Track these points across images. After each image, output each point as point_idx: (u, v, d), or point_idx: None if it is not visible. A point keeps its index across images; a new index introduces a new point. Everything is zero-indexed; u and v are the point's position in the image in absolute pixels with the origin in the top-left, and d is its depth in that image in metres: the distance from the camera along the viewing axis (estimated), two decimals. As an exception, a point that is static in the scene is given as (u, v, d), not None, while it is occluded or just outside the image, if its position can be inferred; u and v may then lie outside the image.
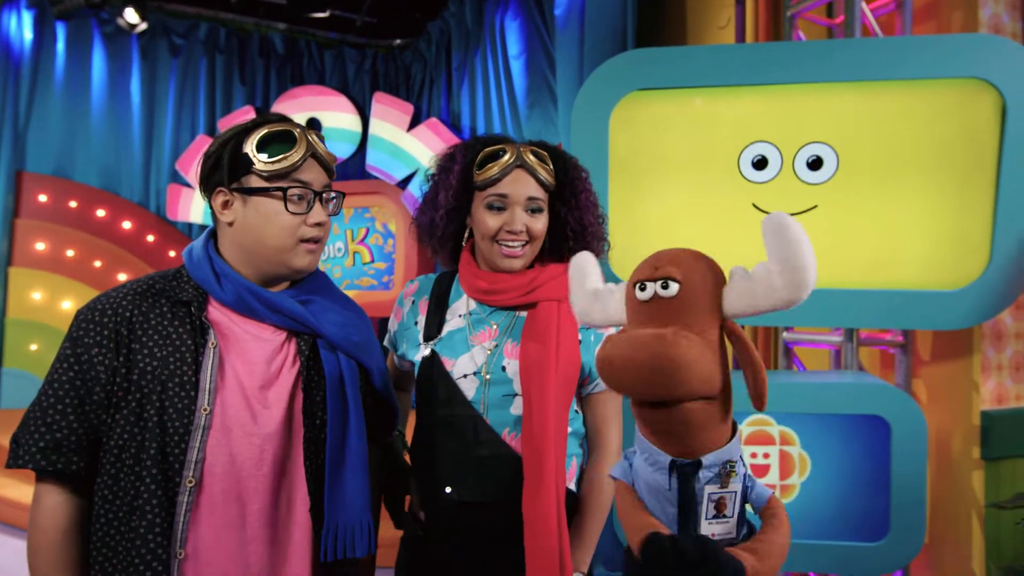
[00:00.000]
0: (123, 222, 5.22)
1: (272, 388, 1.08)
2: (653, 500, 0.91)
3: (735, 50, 1.80)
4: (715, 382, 0.82)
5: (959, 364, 1.92)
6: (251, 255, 1.09)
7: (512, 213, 1.23)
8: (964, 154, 1.66)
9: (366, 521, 1.11)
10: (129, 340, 1.04)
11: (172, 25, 5.33)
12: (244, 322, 1.10)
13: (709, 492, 0.88)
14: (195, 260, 1.10)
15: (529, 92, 3.86)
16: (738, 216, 1.74)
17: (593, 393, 1.31)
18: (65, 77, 5.10)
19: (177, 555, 1.01)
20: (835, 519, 1.71)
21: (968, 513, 1.87)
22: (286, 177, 1.07)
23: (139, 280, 1.10)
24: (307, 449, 1.09)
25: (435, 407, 1.25)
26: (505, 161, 1.22)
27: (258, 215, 1.07)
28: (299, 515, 1.08)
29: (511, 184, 1.23)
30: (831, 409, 1.68)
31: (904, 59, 1.66)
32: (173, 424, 1.01)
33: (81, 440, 1.02)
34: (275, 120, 1.10)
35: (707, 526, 0.89)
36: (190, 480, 1.01)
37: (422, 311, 1.34)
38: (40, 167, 5.07)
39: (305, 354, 1.11)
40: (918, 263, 1.71)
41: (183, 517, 1.01)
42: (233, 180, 1.07)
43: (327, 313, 1.14)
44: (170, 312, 1.07)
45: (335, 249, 4.93)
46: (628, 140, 1.78)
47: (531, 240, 1.25)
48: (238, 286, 1.08)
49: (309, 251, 1.11)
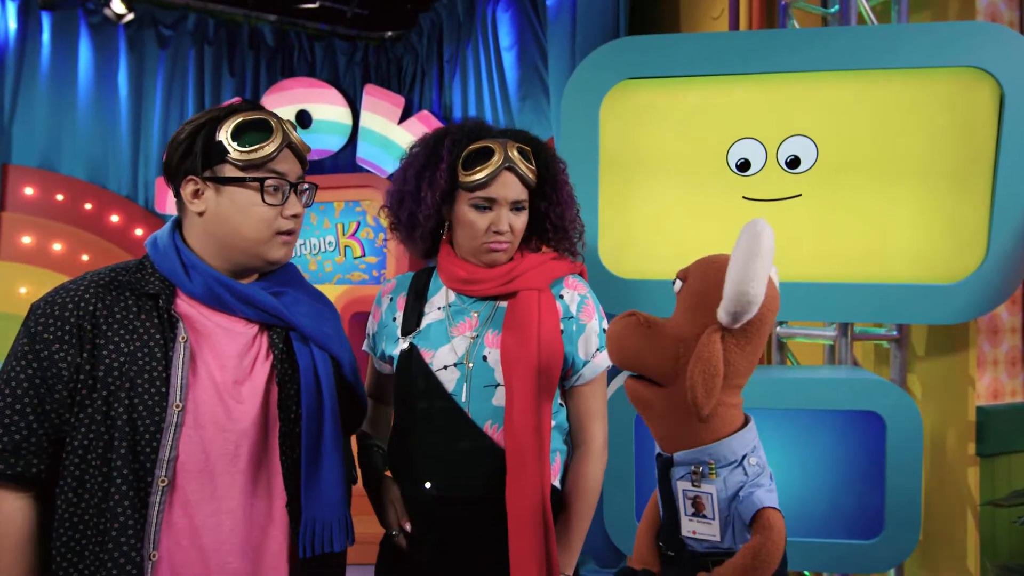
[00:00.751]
0: (111, 215, 5.16)
1: (246, 383, 1.05)
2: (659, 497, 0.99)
3: (727, 38, 1.76)
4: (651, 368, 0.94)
5: (955, 359, 1.90)
6: (224, 246, 1.06)
7: (499, 214, 1.23)
8: (961, 144, 1.63)
9: (343, 515, 1.09)
10: (93, 335, 0.99)
11: (160, 16, 5.26)
12: (214, 315, 1.06)
13: (683, 489, 0.91)
14: (161, 251, 1.05)
15: (521, 84, 3.82)
16: (729, 207, 1.71)
17: (576, 386, 1.28)
18: (51, 68, 5.03)
19: (151, 557, 0.97)
20: (829, 516, 1.68)
21: (964, 510, 1.85)
22: (262, 167, 1.03)
23: (99, 272, 1.05)
24: (282, 443, 1.06)
25: (414, 400, 1.22)
26: (494, 164, 1.22)
27: (233, 205, 1.03)
28: (276, 511, 1.05)
29: (499, 188, 1.22)
30: (825, 405, 1.65)
31: (899, 47, 1.62)
32: (144, 422, 0.97)
33: (41, 441, 0.97)
34: (249, 108, 1.05)
35: (687, 523, 0.92)
36: (162, 479, 0.98)
37: (400, 308, 1.31)
38: (26, 160, 5.00)
39: (279, 347, 1.08)
40: (913, 256, 1.67)
41: (156, 518, 0.97)
42: (206, 168, 1.03)
43: (299, 305, 1.11)
44: (136, 305, 1.02)
45: (326, 243, 4.88)
46: (619, 130, 1.74)
47: (515, 236, 1.26)
48: (208, 278, 1.04)
49: (284, 243, 1.08)
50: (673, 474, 0.91)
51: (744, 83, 1.69)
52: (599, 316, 1.29)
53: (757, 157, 1.70)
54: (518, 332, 1.19)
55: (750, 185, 1.71)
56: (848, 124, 1.67)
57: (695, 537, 0.92)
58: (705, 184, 1.72)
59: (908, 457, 1.61)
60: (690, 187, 1.73)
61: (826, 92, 1.67)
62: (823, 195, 1.68)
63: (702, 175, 1.72)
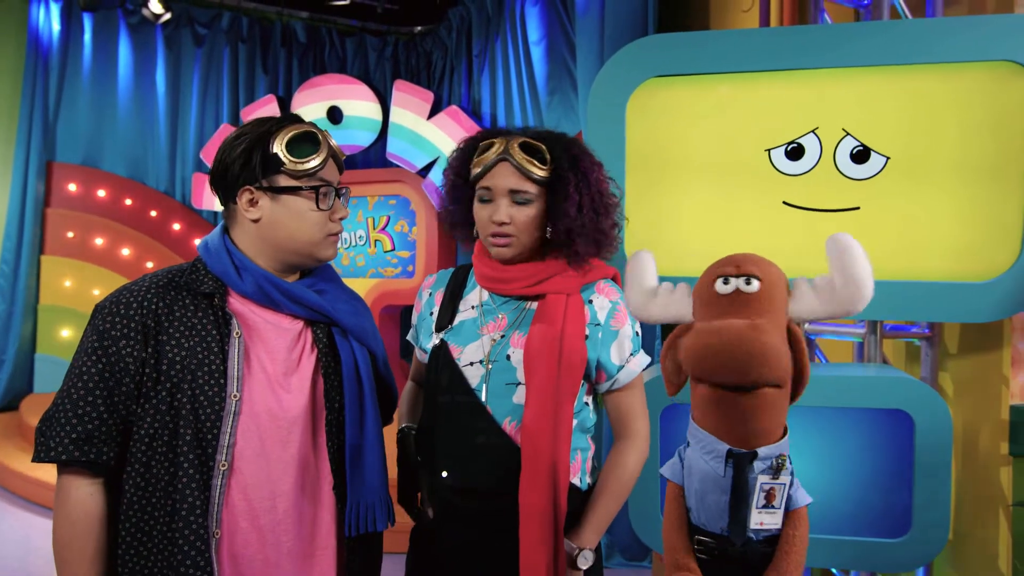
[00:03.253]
0: (150, 211, 5.31)
1: (294, 374, 1.14)
2: (708, 489, 0.99)
3: (758, 34, 1.75)
4: (788, 371, 0.93)
5: (988, 357, 1.87)
6: (278, 249, 1.15)
7: (496, 204, 1.24)
8: (996, 140, 1.60)
9: (385, 497, 1.18)
10: (156, 332, 1.08)
11: (196, 15, 5.38)
12: (263, 312, 1.15)
13: (762, 482, 0.96)
14: (212, 253, 1.15)
15: (549, 79, 3.83)
16: (766, 212, 1.70)
17: (613, 390, 1.30)
18: (92, 68, 5.19)
19: (214, 534, 1.06)
20: (856, 514, 1.68)
21: (996, 510, 1.83)
22: (313, 176, 1.13)
23: (157, 274, 1.15)
24: (328, 430, 1.16)
25: (439, 393, 1.27)
26: (490, 155, 1.24)
27: (289, 212, 1.13)
28: (324, 494, 1.15)
29: (494, 177, 1.24)
30: (853, 403, 1.65)
31: (935, 41, 1.60)
32: (205, 411, 1.06)
33: (111, 431, 1.06)
34: (296, 121, 1.16)
35: (757, 515, 0.97)
36: (223, 464, 1.07)
37: (437, 303, 1.36)
38: (69, 157, 5.17)
39: (323, 341, 1.18)
40: (946, 253, 1.65)
41: (218, 499, 1.06)
42: (263, 179, 1.12)
43: (340, 303, 1.21)
44: (192, 304, 1.11)
45: (356, 237, 4.95)
46: (646, 130, 1.74)
47: (518, 229, 1.24)
48: (259, 277, 1.13)
49: (333, 243, 1.19)
50: (754, 468, 0.95)
51: (776, 79, 1.69)
52: (631, 320, 1.30)
53: (811, 148, 1.68)
54: (542, 334, 1.22)
55: (793, 188, 1.69)
56: (884, 119, 1.65)
57: (760, 528, 0.98)
58: (735, 184, 1.72)
59: (937, 456, 1.59)
60: (719, 187, 1.73)
61: (860, 87, 1.66)
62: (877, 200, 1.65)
63: (732, 175, 1.72)
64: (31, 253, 5.01)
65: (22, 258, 4.94)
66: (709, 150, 1.73)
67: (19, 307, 4.95)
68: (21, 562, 3.13)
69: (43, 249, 5.12)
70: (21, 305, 4.96)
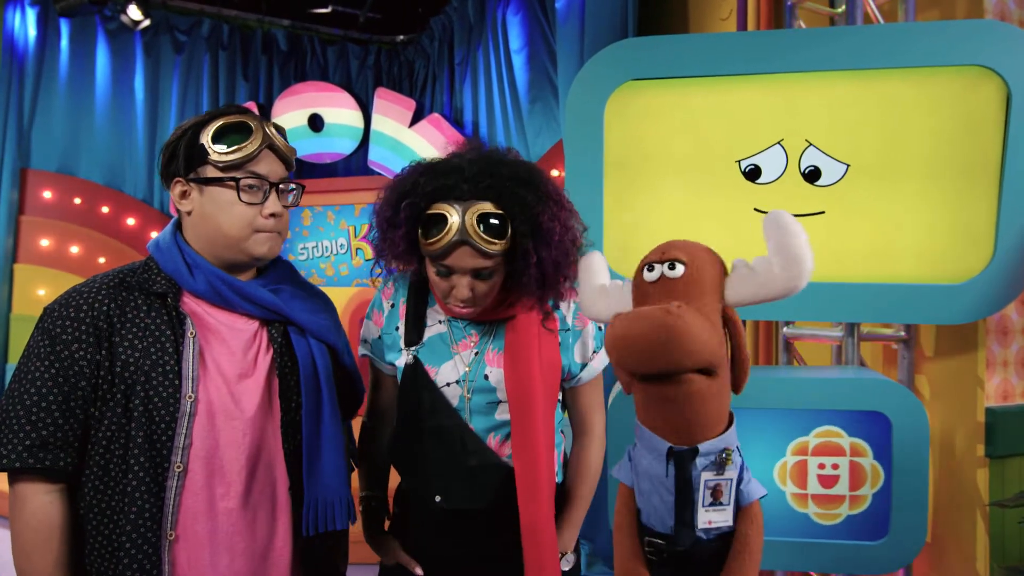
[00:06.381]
0: (127, 218, 5.24)
1: (250, 375, 1.11)
2: (653, 489, 0.95)
3: (732, 38, 1.76)
4: (716, 356, 0.87)
5: (963, 359, 1.88)
6: (211, 243, 1.11)
7: (459, 282, 1.16)
8: (968, 143, 1.62)
9: (344, 496, 1.15)
10: (109, 333, 1.05)
11: (175, 22, 5.33)
12: (217, 312, 1.12)
13: (706, 479, 0.92)
14: (164, 251, 1.12)
15: (531, 87, 3.84)
16: (738, 218, 1.70)
17: (576, 386, 1.31)
18: (69, 74, 5.12)
19: (168, 536, 1.04)
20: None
21: (973, 512, 1.84)
22: (241, 168, 1.08)
23: (107, 274, 1.12)
24: (284, 431, 1.13)
25: (421, 417, 1.24)
26: (448, 237, 1.11)
27: (214, 204, 1.09)
28: (280, 494, 1.13)
29: (454, 259, 1.14)
30: (830, 404, 1.65)
31: (906, 46, 1.62)
32: (159, 412, 1.04)
33: (67, 436, 1.03)
34: (232, 112, 1.11)
35: (704, 513, 0.93)
36: (178, 465, 1.04)
37: (401, 316, 1.31)
38: (45, 164, 5.08)
39: (278, 341, 1.15)
40: (920, 256, 1.67)
41: (173, 501, 1.04)
42: (190, 170, 1.09)
43: (296, 301, 1.18)
44: (145, 305, 1.09)
45: (338, 245, 4.92)
46: (624, 131, 1.74)
47: (480, 299, 1.19)
48: (211, 275, 1.10)
49: (267, 239, 1.12)
50: (696, 465, 0.91)
51: (749, 84, 1.70)
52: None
53: (771, 165, 1.69)
54: (520, 357, 1.20)
55: (762, 195, 1.71)
56: (861, 126, 1.66)
57: (709, 527, 0.94)
58: (712, 188, 1.72)
59: (914, 458, 1.60)
60: (697, 194, 1.73)
61: (832, 92, 1.67)
62: (843, 205, 1.67)
63: (709, 179, 1.73)
64: (4, 262, 4.91)
65: (-6, 267, 4.85)
66: (684, 156, 1.74)
67: (-9, 316, 4.85)
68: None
69: (16, 258, 5.02)
70: (-7, 315, 4.85)
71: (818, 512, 1.67)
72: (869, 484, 1.65)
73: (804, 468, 1.66)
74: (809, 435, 1.67)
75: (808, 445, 1.66)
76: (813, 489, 1.66)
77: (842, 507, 1.66)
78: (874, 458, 1.65)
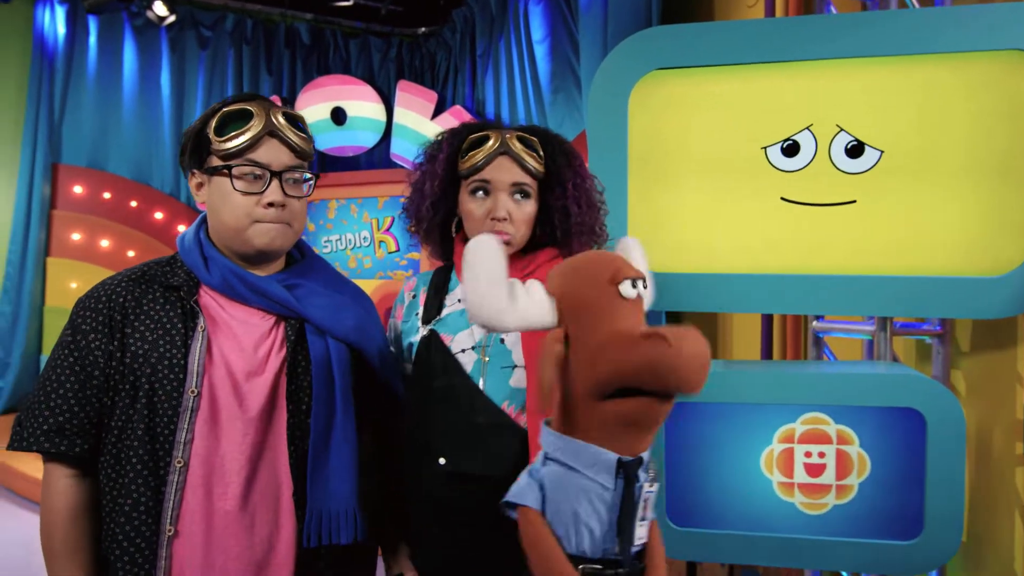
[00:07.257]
0: (155, 212, 5.32)
1: (259, 373, 1.08)
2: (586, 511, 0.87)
3: (760, 25, 1.72)
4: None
5: (1001, 355, 1.82)
6: (219, 234, 1.10)
7: (496, 199, 1.20)
8: (1006, 130, 1.56)
9: (351, 508, 1.08)
10: (122, 325, 1.05)
11: (200, 17, 5.38)
12: (232, 307, 1.10)
13: (646, 491, 0.88)
14: (186, 246, 1.11)
15: (553, 77, 3.81)
16: (765, 207, 1.66)
17: None
18: (97, 70, 5.20)
19: (167, 531, 1.02)
20: (866, 516, 1.64)
21: (1011, 511, 1.78)
22: (239, 156, 1.05)
23: (134, 267, 1.13)
24: (291, 434, 1.08)
25: (432, 379, 1.21)
26: (489, 148, 1.20)
27: (216, 194, 1.07)
28: (284, 500, 1.07)
29: (494, 171, 1.20)
30: (862, 401, 1.61)
31: (942, 31, 1.56)
32: (162, 405, 1.03)
33: (83, 423, 1.04)
34: (241, 99, 1.09)
35: (639, 528, 0.88)
36: (179, 460, 1.02)
37: (421, 303, 1.31)
38: (75, 159, 5.18)
39: (292, 339, 1.10)
40: (956, 247, 1.61)
41: (173, 496, 1.02)
42: (201, 161, 1.08)
43: (314, 297, 1.13)
44: (162, 297, 1.08)
45: (360, 238, 4.94)
46: (648, 122, 1.71)
47: (516, 226, 1.21)
48: (224, 269, 1.08)
49: (267, 230, 1.07)
50: (640, 477, 0.87)
51: (776, 70, 1.65)
52: None
53: (806, 145, 1.65)
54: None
55: (790, 184, 1.66)
56: (887, 109, 1.61)
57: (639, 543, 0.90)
58: (734, 180, 1.68)
59: (950, 456, 1.55)
60: (719, 182, 1.69)
61: (865, 76, 1.62)
62: (875, 194, 1.62)
63: (731, 171, 1.68)
64: (37, 255, 5.02)
65: (28, 260, 4.96)
66: (709, 145, 1.70)
67: (25, 309, 4.96)
68: (26, 563, 3.13)
69: (49, 251, 5.13)
70: (27, 307, 4.96)
71: (804, 502, 1.62)
72: (855, 473, 1.61)
73: (791, 456, 1.62)
74: (796, 421, 1.62)
75: (795, 432, 1.62)
76: (800, 478, 1.62)
77: (828, 496, 1.62)
78: (860, 446, 1.61)
